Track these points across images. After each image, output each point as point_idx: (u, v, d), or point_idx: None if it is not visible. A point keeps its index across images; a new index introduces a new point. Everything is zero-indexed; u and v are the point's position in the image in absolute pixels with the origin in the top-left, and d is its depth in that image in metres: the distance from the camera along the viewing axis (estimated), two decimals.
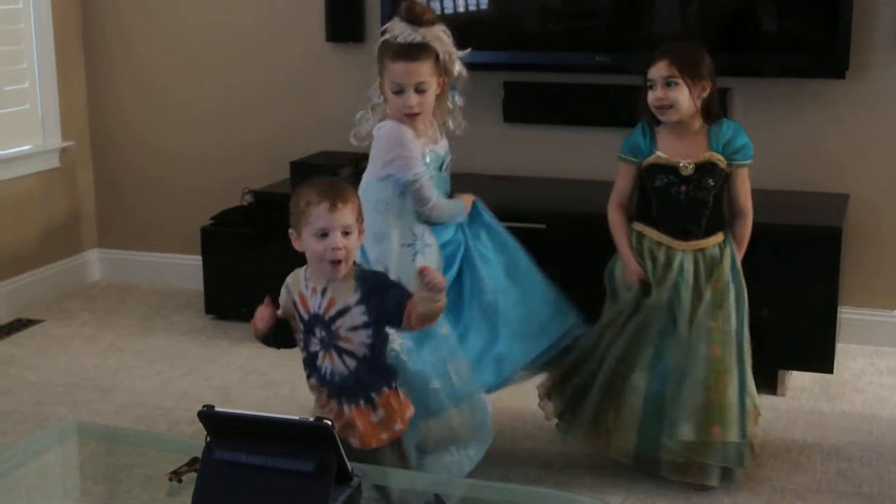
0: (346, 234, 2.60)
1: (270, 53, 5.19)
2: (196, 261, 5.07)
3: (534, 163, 4.86)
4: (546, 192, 4.62)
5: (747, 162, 3.36)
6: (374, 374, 2.69)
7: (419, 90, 3.15)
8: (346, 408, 2.69)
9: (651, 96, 3.33)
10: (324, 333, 2.66)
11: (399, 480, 2.56)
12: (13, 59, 5.05)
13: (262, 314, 2.69)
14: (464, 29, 4.69)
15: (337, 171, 4.67)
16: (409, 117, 3.18)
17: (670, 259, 3.37)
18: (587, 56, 4.55)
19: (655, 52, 3.34)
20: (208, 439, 2.17)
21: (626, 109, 4.64)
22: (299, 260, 3.90)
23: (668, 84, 3.28)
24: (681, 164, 3.32)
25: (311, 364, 2.72)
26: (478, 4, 4.71)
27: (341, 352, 2.66)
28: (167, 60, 5.36)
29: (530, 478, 3.49)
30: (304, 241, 2.64)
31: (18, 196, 5.15)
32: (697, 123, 3.35)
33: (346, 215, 2.60)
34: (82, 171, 5.53)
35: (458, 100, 3.37)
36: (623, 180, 3.50)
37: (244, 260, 4.81)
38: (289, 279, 2.75)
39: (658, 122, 3.38)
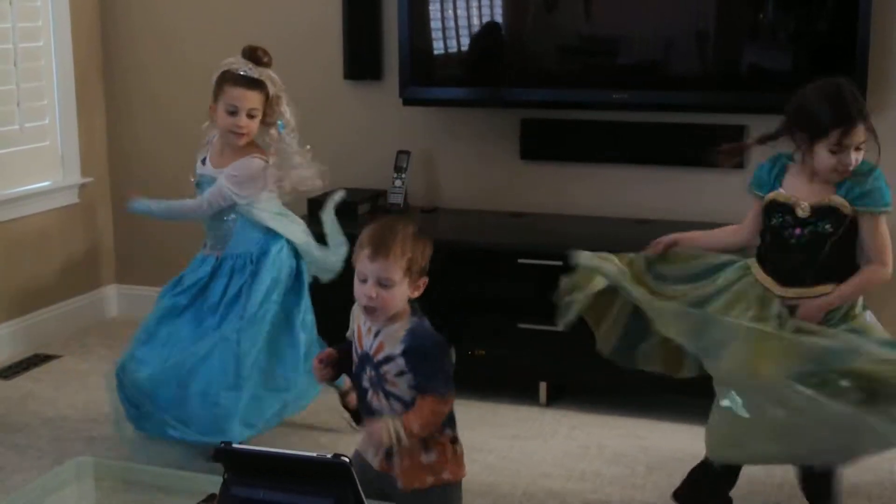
0: (383, 285, 2.57)
1: (289, 90, 5.18)
2: None
3: (551, 200, 4.86)
4: (563, 229, 4.63)
5: (876, 210, 3.04)
6: None
7: (250, 115, 3.73)
8: (394, 451, 2.65)
9: (835, 160, 3.00)
10: (373, 373, 2.65)
11: None
12: (34, 95, 5.09)
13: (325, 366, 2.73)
14: (481, 66, 4.76)
15: (355, 207, 4.69)
16: (236, 136, 3.74)
17: (765, 303, 3.10)
18: (604, 93, 4.56)
19: (840, 110, 3.03)
20: (226, 476, 2.17)
21: (643, 146, 4.68)
22: (315, 297, 3.96)
23: (857, 149, 3.02)
24: (799, 205, 3.08)
25: (361, 396, 2.72)
26: (495, 42, 4.73)
27: (388, 395, 2.64)
28: (185, 98, 5.39)
29: None
30: (355, 280, 2.65)
31: (38, 232, 5.18)
32: None
33: (386, 268, 2.56)
34: (101, 207, 5.56)
35: (283, 133, 3.87)
36: (751, 212, 3.28)
37: None
38: (356, 308, 2.73)
39: (791, 159, 3.16)
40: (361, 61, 4.98)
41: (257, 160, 3.80)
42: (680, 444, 3.98)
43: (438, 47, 4.70)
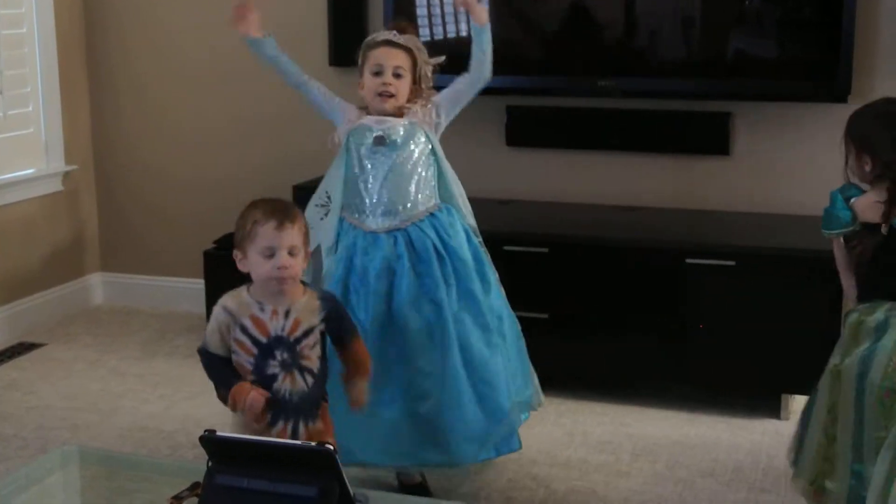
0: (291, 253, 2.64)
1: (273, 77, 5.18)
2: (199, 284, 5.07)
3: (536, 187, 4.86)
4: (549, 216, 4.63)
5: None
6: (320, 389, 2.76)
7: (396, 74, 3.34)
8: (300, 427, 2.71)
9: None
10: (286, 355, 2.68)
11: None
12: (17, 83, 5.06)
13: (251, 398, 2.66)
14: (466, 53, 4.74)
15: None
16: (383, 97, 3.35)
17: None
18: (590, 80, 4.56)
19: None
20: (210, 464, 2.17)
21: (628, 133, 4.68)
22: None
23: None
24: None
25: (266, 387, 2.69)
26: None
27: (303, 370, 2.70)
28: (170, 85, 5.38)
29: (534, 502, 3.49)
30: (249, 260, 2.69)
31: (21, 220, 5.16)
32: None
33: (292, 235, 2.65)
34: (85, 194, 5.54)
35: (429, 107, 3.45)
36: (840, 253, 3.19)
37: (246, 283, 4.80)
38: (229, 304, 2.74)
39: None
40: (347, 48, 4.95)
41: None
42: (665, 432, 3.99)
43: (424, 34, 4.68)
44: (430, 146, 3.39)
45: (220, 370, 2.75)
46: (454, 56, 3.55)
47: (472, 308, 3.35)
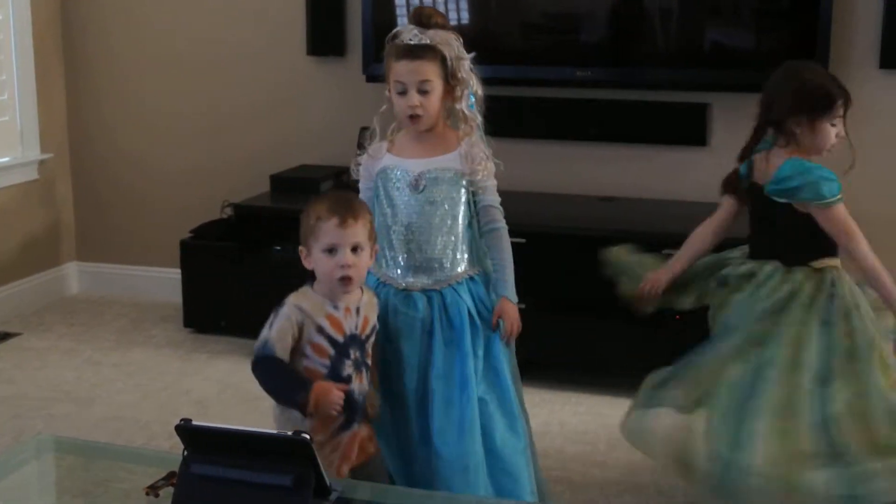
0: (355, 250, 2.57)
1: (251, 66, 5.19)
2: (175, 274, 5.05)
3: (514, 177, 4.82)
4: (527, 206, 4.62)
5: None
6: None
7: (422, 90, 2.88)
8: (355, 425, 2.67)
9: (834, 132, 3.15)
10: (358, 354, 2.64)
11: (372, 494, 2.55)
12: None
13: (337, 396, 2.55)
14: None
15: (318, 184, 4.67)
16: (412, 119, 2.90)
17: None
18: (568, 71, 4.56)
19: (839, 83, 3.17)
20: (186, 453, 2.16)
21: (607, 123, 4.69)
22: (279, 274, 3.92)
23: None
24: None
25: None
26: (459, 19, 4.71)
27: (367, 369, 2.69)
28: (147, 74, 5.35)
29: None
30: (313, 257, 2.59)
31: None
32: None
33: (356, 232, 2.57)
34: (61, 183, 5.51)
35: (474, 111, 3.03)
36: (720, 210, 3.32)
37: (223, 273, 4.80)
38: (301, 303, 2.59)
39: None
40: (325, 38, 4.95)
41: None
42: None
43: (402, 24, 4.65)
44: (469, 196, 2.98)
45: (289, 376, 2.58)
46: None
47: (497, 388, 2.97)
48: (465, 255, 2.97)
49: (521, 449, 2.97)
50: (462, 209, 2.95)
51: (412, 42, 2.91)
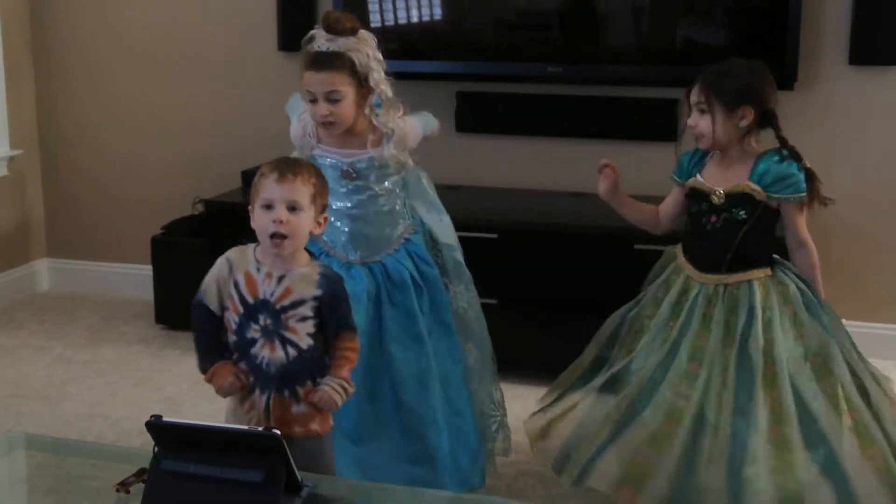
0: (292, 209, 2.52)
1: (222, 62, 5.17)
2: (146, 270, 5.04)
3: (486, 173, 4.87)
4: (498, 202, 4.64)
5: (791, 196, 3.01)
6: (306, 368, 2.60)
7: (331, 99, 3.00)
8: (270, 396, 2.59)
9: (688, 121, 3.08)
10: (269, 321, 2.56)
11: (346, 490, 2.55)
12: None
13: (233, 387, 2.59)
14: (417, 39, 4.75)
15: None
16: (324, 126, 3.08)
17: (686, 289, 3.10)
18: (540, 66, 4.57)
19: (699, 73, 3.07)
20: (156, 450, 2.16)
21: (578, 119, 4.70)
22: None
23: (701, 111, 3.03)
24: (715, 192, 3.04)
25: (243, 350, 2.60)
26: (431, 15, 4.72)
27: (285, 341, 2.57)
28: (118, 70, 5.33)
29: (482, 488, 3.49)
30: (254, 214, 2.57)
31: None
32: (746, 152, 3.04)
33: (295, 190, 2.51)
34: (31, 179, 5.48)
35: (380, 113, 3.13)
36: (669, 198, 3.27)
37: (195, 269, 4.72)
38: (232, 255, 2.63)
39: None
40: (296, 33, 4.89)
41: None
42: None
43: (374, 20, 4.67)
44: (400, 180, 3.20)
45: (207, 337, 2.65)
46: (406, 43, 3.54)
47: (445, 339, 3.23)
48: (400, 222, 3.20)
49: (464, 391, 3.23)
50: (393, 192, 3.18)
51: (321, 50, 3.01)
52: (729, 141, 3.01)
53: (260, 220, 2.55)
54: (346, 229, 3.16)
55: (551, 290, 4.24)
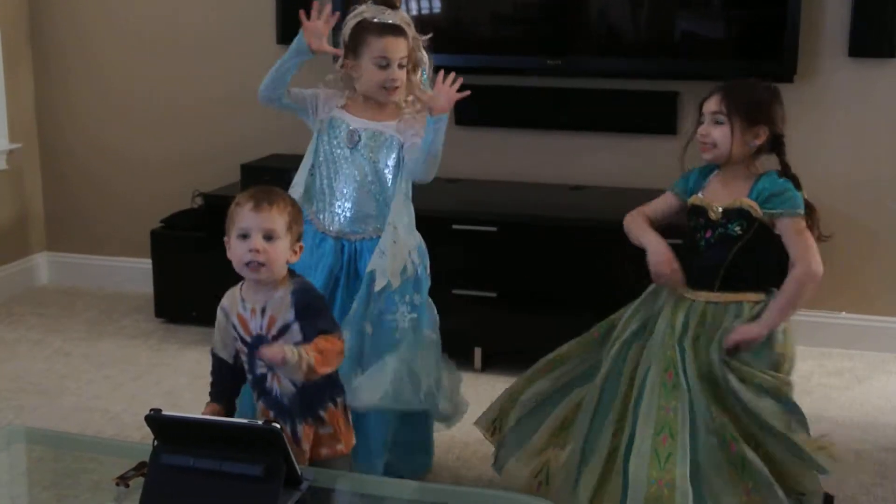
0: (269, 238, 2.49)
1: (222, 55, 5.17)
2: (146, 264, 5.03)
3: (486, 166, 4.86)
4: (497, 194, 4.63)
5: (785, 212, 2.94)
6: (318, 390, 2.61)
7: (401, 65, 3.18)
8: (297, 428, 2.60)
9: (699, 129, 3.03)
10: None
11: (348, 484, 2.55)
12: None
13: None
14: (416, 32, 4.73)
15: (289, 174, 4.64)
16: (389, 91, 3.18)
17: (678, 306, 3.03)
18: (539, 60, 4.57)
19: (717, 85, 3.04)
20: (156, 444, 2.16)
21: (577, 112, 4.70)
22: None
23: (716, 122, 2.98)
24: (712, 208, 2.99)
25: (259, 387, 2.63)
26: (430, 8, 4.71)
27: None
28: (118, 63, 5.32)
29: (482, 480, 3.50)
30: (231, 244, 2.55)
31: None
32: (750, 172, 3.00)
33: (271, 219, 2.50)
34: (30, 173, 5.47)
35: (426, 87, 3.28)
36: (659, 202, 3.21)
37: (194, 263, 4.78)
38: (225, 302, 2.64)
39: (718, 166, 3.06)
40: (295, 26, 4.91)
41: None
42: None
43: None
44: (400, 160, 3.23)
45: (214, 380, 2.70)
46: (418, 32, 3.51)
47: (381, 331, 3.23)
48: (381, 214, 3.21)
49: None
50: (390, 172, 3.21)
51: (389, 21, 3.18)
52: (739, 157, 2.98)
53: (236, 251, 2.53)
54: (338, 197, 3.22)
55: (551, 282, 4.24)
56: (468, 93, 3.09)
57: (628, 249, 4.17)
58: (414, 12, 4.69)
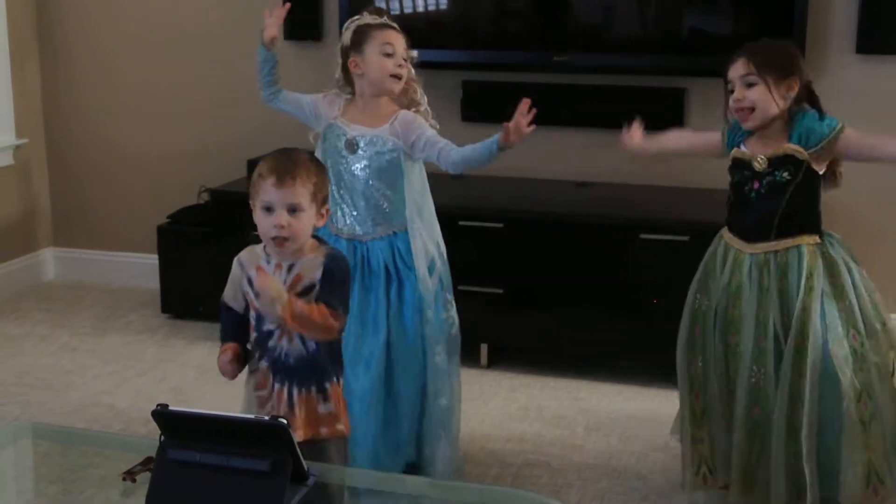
0: (293, 211, 2.50)
1: (229, 51, 5.17)
2: (152, 259, 5.04)
3: (492, 162, 4.85)
4: (504, 191, 4.63)
5: (839, 128, 3.01)
6: (329, 361, 2.60)
7: (405, 58, 3.28)
8: (294, 392, 2.57)
9: (731, 98, 3.05)
10: None
11: (353, 479, 2.55)
12: None
13: (228, 365, 2.59)
14: (423, 28, 4.74)
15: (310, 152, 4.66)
16: (394, 79, 3.26)
17: (738, 263, 3.09)
18: (545, 55, 4.56)
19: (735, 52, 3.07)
20: (162, 439, 2.16)
21: (583, 109, 4.69)
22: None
23: (748, 85, 3.00)
24: (756, 159, 3.03)
25: (261, 344, 2.60)
26: (437, 4, 4.71)
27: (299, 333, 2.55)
28: (124, 58, 5.33)
29: (488, 476, 3.50)
30: (256, 214, 2.55)
31: None
32: (784, 122, 3.04)
33: (294, 193, 2.49)
34: (37, 168, 5.48)
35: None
36: (707, 135, 3.25)
37: (201, 258, 4.79)
38: (242, 255, 2.64)
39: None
40: (302, 22, 4.93)
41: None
42: (618, 406, 4.02)
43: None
44: (399, 162, 3.30)
45: (225, 327, 2.67)
46: (412, 32, 3.52)
47: (402, 334, 3.30)
48: (390, 215, 3.31)
49: (413, 393, 3.31)
50: (390, 174, 3.29)
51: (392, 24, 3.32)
52: (779, 112, 3.00)
53: (261, 223, 2.54)
54: (345, 202, 3.31)
55: (557, 279, 4.24)
56: (534, 128, 3.27)
57: (634, 245, 4.18)
58: (420, 8, 4.69)
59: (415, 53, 3.37)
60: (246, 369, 2.65)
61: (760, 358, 3.01)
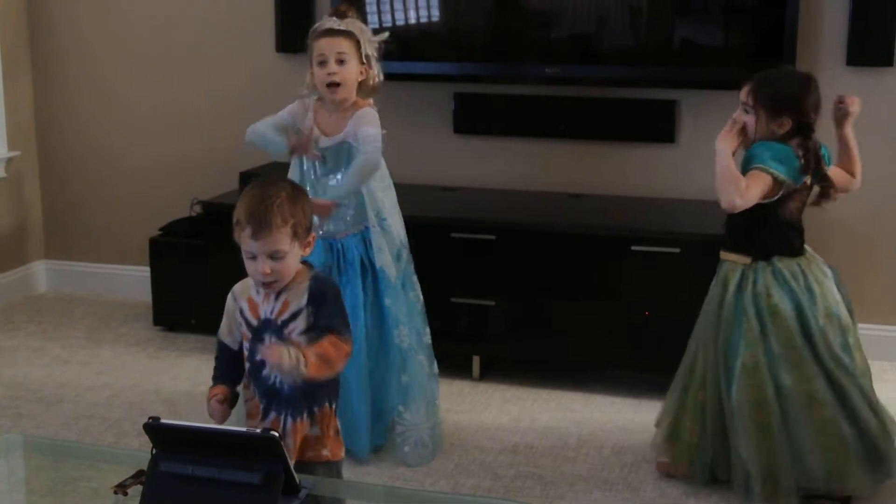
0: (274, 258, 2.48)
1: (221, 63, 5.17)
2: (144, 272, 5.04)
3: (483, 174, 4.87)
4: (496, 203, 4.63)
5: (751, 166, 3.22)
6: (320, 387, 2.58)
7: (340, 60, 3.40)
8: (288, 420, 2.57)
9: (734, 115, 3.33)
10: (273, 339, 2.54)
11: (346, 492, 2.55)
12: None
13: (218, 406, 2.61)
14: (415, 40, 4.75)
15: (286, 182, 4.65)
16: (331, 88, 3.42)
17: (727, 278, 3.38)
18: (537, 68, 4.57)
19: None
20: (154, 451, 2.16)
21: (575, 121, 4.70)
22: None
23: (745, 110, 3.27)
24: None
25: (255, 374, 2.60)
26: (429, 16, 4.72)
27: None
28: (116, 70, 5.33)
29: (480, 488, 3.50)
30: (242, 255, 2.56)
31: None
32: None
33: (273, 241, 2.47)
34: (29, 180, 5.47)
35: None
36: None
37: (192, 271, 4.79)
38: (237, 287, 2.65)
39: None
40: (294, 34, 4.93)
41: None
42: (611, 417, 4.02)
43: (372, 21, 4.67)
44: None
45: (219, 366, 2.68)
46: (404, 44, 3.55)
47: (381, 324, 3.60)
48: (362, 211, 3.53)
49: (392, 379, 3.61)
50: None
51: (327, 27, 3.45)
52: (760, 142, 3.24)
53: (247, 267, 2.54)
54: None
55: (549, 291, 4.24)
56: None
57: (626, 257, 4.19)
58: (412, 20, 4.69)
59: (379, 37, 3.51)
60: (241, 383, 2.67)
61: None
